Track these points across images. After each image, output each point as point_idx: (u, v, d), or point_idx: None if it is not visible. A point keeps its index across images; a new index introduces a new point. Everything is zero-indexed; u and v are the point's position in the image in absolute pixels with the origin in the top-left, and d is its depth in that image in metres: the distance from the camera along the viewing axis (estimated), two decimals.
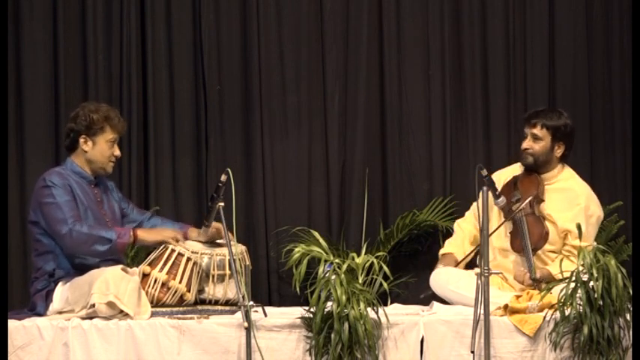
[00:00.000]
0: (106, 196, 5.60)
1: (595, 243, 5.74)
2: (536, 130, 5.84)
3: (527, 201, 5.73)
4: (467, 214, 6.11)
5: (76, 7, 6.76)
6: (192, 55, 6.85)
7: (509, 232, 5.81)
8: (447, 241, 6.05)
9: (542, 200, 5.80)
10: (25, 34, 6.70)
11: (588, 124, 6.87)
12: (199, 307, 5.39)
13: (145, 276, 5.34)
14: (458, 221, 6.13)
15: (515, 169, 5.99)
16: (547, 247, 5.75)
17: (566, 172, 5.91)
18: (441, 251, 6.01)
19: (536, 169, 5.86)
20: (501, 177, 5.96)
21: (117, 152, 5.55)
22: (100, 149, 5.50)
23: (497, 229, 5.70)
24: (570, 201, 5.80)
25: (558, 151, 5.86)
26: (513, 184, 5.86)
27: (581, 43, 6.89)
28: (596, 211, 5.84)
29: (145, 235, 5.47)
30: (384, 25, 6.89)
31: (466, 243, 5.97)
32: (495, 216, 5.86)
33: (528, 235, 5.69)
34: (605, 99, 6.90)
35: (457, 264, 5.86)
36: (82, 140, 5.50)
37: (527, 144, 5.86)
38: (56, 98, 6.72)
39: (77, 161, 5.52)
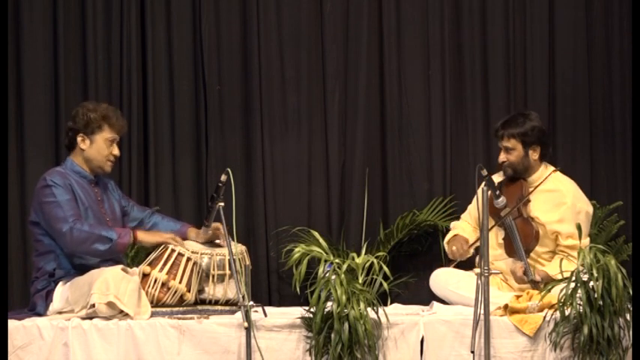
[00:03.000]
0: (106, 196, 5.60)
1: (588, 240, 5.73)
2: (505, 142, 5.82)
3: (515, 205, 5.72)
4: (462, 216, 6.12)
5: (76, 7, 6.76)
6: (192, 55, 6.85)
7: (502, 239, 5.81)
8: (451, 226, 6.03)
9: (529, 200, 5.80)
10: (25, 34, 6.71)
11: (588, 124, 6.87)
12: (199, 307, 5.39)
13: (145, 276, 5.34)
14: (454, 222, 6.14)
15: (499, 175, 5.98)
16: (539, 249, 5.75)
17: (549, 171, 5.88)
18: (446, 239, 5.98)
19: (519, 177, 5.86)
20: None
21: (116, 151, 5.54)
22: (98, 148, 5.49)
23: (491, 228, 5.70)
24: (556, 201, 5.78)
25: (534, 155, 5.83)
26: (499, 189, 5.84)
27: (581, 43, 6.89)
28: (584, 207, 5.82)
29: (145, 236, 5.47)
30: (384, 25, 6.89)
31: (468, 229, 5.95)
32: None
33: (519, 238, 5.70)
34: (605, 99, 6.90)
35: (470, 245, 5.81)
36: (79, 139, 5.50)
37: (502, 157, 5.86)
38: (56, 98, 6.72)
39: (76, 160, 5.52)
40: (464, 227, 6.01)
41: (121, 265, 5.33)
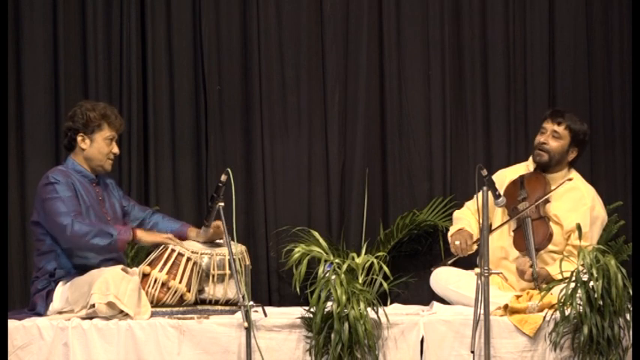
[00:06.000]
0: (107, 195, 5.60)
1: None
2: (560, 129, 5.84)
3: (536, 203, 5.72)
4: (466, 204, 6.09)
5: (76, 7, 6.76)
6: (192, 55, 6.85)
7: (513, 231, 5.81)
8: (452, 226, 5.97)
9: (549, 201, 5.80)
10: (25, 34, 6.70)
11: (588, 124, 6.85)
12: (199, 307, 5.39)
13: (145, 276, 5.34)
14: (456, 211, 6.11)
15: (521, 169, 5.99)
16: (551, 247, 5.75)
17: (572, 174, 5.91)
18: (450, 232, 5.92)
19: (547, 168, 5.86)
20: (507, 175, 5.95)
21: (115, 150, 5.55)
22: (98, 147, 5.50)
23: (499, 227, 5.70)
24: (576, 201, 5.80)
25: (571, 155, 5.88)
26: (520, 182, 5.85)
27: (581, 43, 6.89)
28: (602, 212, 5.85)
29: (144, 235, 5.47)
30: (384, 25, 6.89)
31: (472, 223, 5.93)
32: (499, 213, 5.86)
33: (533, 236, 5.69)
34: (605, 99, 6.90)
35: (474, 241, 5.79)
36: (79, 138, 5.50)
37: (545, 138, 5.85)
38: (56, 98, 6.72)
39: (77, 160, 5.53)
40: (469, 219, 5.97)
41: (121, 265, 5.33)
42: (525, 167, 6.00)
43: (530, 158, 5.99)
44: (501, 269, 5.71)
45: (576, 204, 5.79)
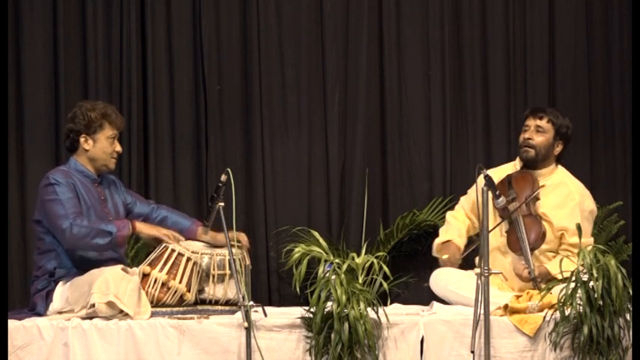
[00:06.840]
0: (109, 194, 5.60)
1: (592, 239, 5.74)
2: (542, 123, 5.85)
3: (524, 201, 5.73)
4: (456, 207, 6.09)
5: (76, 7, 6.76)
6: (192, 55, 6.86)
7: (505, 232, 5.81)
8: (442, 229, 6.00)
9: (538, 199, 5.80)
10: (25, 34, 6.71)
11: (588, 124, 6.88)
12: (199, 307, 5.39)
13: (145, 276, 5.34)
14: (449, 212, 6.11)
15: (508, 169, 5.98)
16: (543, 246, 5.75)
17: (559, 170, 5.91)
18: (438, 240, 5.96)
19: (534, 164, 5.86)
20: (494, 175, 5.92)
21: (118, 148, 5.56)
22: (101, 147, 5.51)
23: (494, 228, 5.70)
24: (564, 197, 5.80)
25: (557, 149, 5.88)
26: (508, 182, 5.85)
27: (581, 43, 6.89)
28: (590, 205, 5.84)
29: (143, 227, 5.47)
30: (384, 25, 6.89)
31: (463, 231, 5.95)
32: (490, 215, 5.84)
33: (526, 235, 5.69)
34: (605, 99, 6.91)
35: (462, 254, 5.81)
36: (82, 140, 5.50)
37: (528, 135, 5.86)
38: (56, 98, 6.72)
39: (80, 160, 5.53)
40: (459, 226, 5.97)
41: (121, 265, 5.33)
42: (512, 167, 5.99)
43: (518, 158, 5.98)
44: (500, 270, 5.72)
45: (565, 200, 5.79)
